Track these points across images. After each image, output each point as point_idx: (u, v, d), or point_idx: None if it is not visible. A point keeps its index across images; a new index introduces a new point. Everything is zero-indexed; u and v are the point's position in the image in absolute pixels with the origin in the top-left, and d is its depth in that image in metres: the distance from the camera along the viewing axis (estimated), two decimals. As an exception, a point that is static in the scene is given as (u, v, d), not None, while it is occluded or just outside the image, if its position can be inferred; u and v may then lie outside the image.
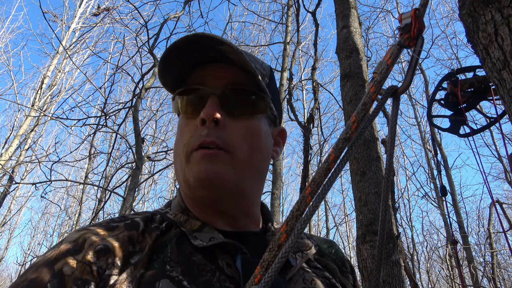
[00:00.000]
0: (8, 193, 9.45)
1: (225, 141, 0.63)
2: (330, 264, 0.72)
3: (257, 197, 0.71)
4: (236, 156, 0.63)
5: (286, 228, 0.41)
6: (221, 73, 0.67)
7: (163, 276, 0.53)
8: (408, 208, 13.33)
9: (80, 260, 0.52)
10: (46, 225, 16.33)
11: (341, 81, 3.35)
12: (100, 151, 8.83)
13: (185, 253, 0.58)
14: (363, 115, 0.41)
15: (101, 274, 0.51)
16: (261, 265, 0.41)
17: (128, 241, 0.57)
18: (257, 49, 11.80)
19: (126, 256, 0.55)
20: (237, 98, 0.66)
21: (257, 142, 0.67)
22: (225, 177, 0.62)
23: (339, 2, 3.74)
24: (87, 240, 0.55)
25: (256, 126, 0.67)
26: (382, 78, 0.41)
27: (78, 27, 11.23)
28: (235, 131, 0.64)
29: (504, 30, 1.12)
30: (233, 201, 0.65)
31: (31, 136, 9.95)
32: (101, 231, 0.57)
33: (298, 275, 0.63)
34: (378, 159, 2.88)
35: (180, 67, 0.68)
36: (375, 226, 2.58)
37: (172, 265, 0.55)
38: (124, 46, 6.51)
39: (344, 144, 0.41)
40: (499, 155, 11.18)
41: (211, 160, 0.61)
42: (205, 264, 0.57)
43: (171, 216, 0.66)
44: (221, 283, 0.55)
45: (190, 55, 0.66)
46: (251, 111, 0.68)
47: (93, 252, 0.53)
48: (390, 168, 0.46)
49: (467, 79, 2.44)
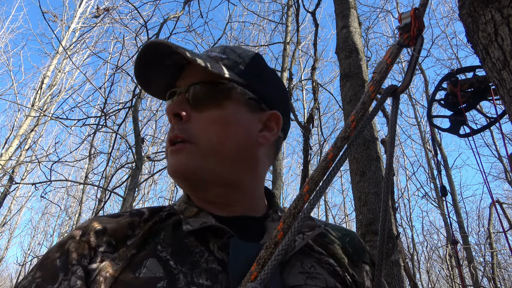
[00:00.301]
0: (8, 193, 9.45)
1: (188, 133, 0.65)
2: (338, 253, 0.69)
3: (252, 184, 0.71)
4: (202, 146, 0.65)
5: (283, 226, 0.41)
6: (188, 73, 0.70)
7: (151, 256, 0.57)
8: (408, 208, 13.33)
9: (83, 240, 0.59)
10: (46, 225, 16.33)
11: (341, 81, 3.35)
12: (100, 151, 8.83)
13: (179, 236, 0.62)
14: (362, 114, 0.40)
15: (96, 251, 0.58)
16: (257, 262, 0.41)
17: (127, 225, 0.62)
18: (257, 49, 11.80)
19: (123, 238, 0.61)
20: (201, 92, 0.67)
21: (227, 130, 0.66)
22: (191, 167, 0.64)
23: (339, 2, 3.74)
24: (92, 225, 0.62)
25: (225, 115, 0.67)
26: (381, 78, 0.41)
27: (78, 27, 11.23)
28: (200, 122, 0.66)
29: (504, 30, 1.12)
30: (218, 189, 0.67)
31: (31, 136, 9.95)
32: (107, 218, 0.64)
33: (296, 258, 0.61)
34: (378, 159, 2.88)
35: (164, 76, 0.72)
36: (375, 226, 2.58)
37: (164, 246, 0.60)
38: (124, 46, 6.50)
39: (342, 143, 0.41)
40: (499, 155, 11.19)
41: (176, 154, 0.65)
42: (195, 246, 0.60)
43: (176, 207, 0.70)
44: (208, 264, 0.57)
45: (162, 63, 0.70)
46: (217, 101, 0.67)
47: (93, 233, 0.60)
48: (390, 168, 0.46)
49: (467, 79, 2.44)
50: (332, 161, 0.40)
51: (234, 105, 0.69)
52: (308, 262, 0.62)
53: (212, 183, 0.66)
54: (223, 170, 0.66)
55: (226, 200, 0.69)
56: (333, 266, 0.65)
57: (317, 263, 0.63)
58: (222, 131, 0.66)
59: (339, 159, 0.41)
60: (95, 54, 7.72)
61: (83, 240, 0.59)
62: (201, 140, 0.65)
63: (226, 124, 0.67)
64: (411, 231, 12.79)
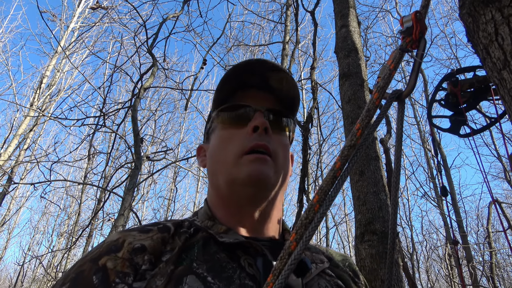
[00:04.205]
0: (8, 193, 9.43)
1: (272, 147, 0.73)
2: (343, 275, 0.77)
3: (280, 205, 0.79)
4: (277, 163, 0.73)
5: (295, 236, 0.42)
6: (263, 98, 0.80)
7: (190, 272, 0.59)
8: (408, 207, 13.34)
9: (120, 257, 0.60)
10: (46, 224, 16.31)
11: (340, 81, 3.35)
12: (99, 151, 8.82)
13: (210, 252, 0.65)
14: (367, 121, 0.41)
15: (138, 269, 0.59)
16: (273, 273, 0.42)
17: (161, 242, 0.65)
18: (256, 48, 11.80)
19: (159, 254, 0.63)
20: (276, 118, 0.78)
21: (287, 155, 0.78)
22: (271, 179, 0.71)
23: (338, 1, 3.73)
24: (126, 240, 0.63)
25: (286, 141, 0.80)
26: (385, 84, 0.40)
27: (77, 26, 11.21)
28: (276, 143, 0.75)
29: (505, 30, 1.12)
30: (265, 202, 0.73)
31: (30, 136, 9.93)
32: (138, 233, 0.66)
33: (313, 280, 0.69)
34: (377, 159, 2.88)
35: (228, 87, 0.79)
36: (374, 225, 2.58)
37: (199, 263, 0.62)
38: (123, 46, 6.50)
39: (349, 151, 0.41)
40: (499, 155, 11.19)
41: (263, 163, 0.70)
42: (227, 262, 0.63)
43: (198, 223, 0.73)
44: (241, 280, 0.60)
45: (240, 78, 0.78)
46: (283, 129, 0.80)
47: (132, 250, 0.61)
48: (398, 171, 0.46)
49: (467, 79, 2.43)
50: (340, 170, 0.41)
51: (287, 135, 0.81)
52: (323, 283, 0.70)
53: (267, 197, 0.73)
54: (278, 188, 0.75)
55: (260, 214, 0.74)
56: (342, 287, 0.73)
57: (329, 284, 0.70)
58: (285, 155, 0.77)
59: (347, 168, 0.41)
60: (94, 54, 7.71)
61: (122, 257, 0.60)
62: (278, 158, 0.74)
63: (287, 150, 0.79)
64: (410, 231, 12.80)
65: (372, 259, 2.49)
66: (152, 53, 4.77)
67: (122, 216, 3.53)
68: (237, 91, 0.80)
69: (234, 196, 0.73)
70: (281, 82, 0.78)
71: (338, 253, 0.87)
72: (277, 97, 0.81)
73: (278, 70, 0.77)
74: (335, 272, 0.77)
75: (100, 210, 5.96)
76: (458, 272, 8.77)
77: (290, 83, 0.78)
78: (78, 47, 11.38)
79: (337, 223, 14.02)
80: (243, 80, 0.79)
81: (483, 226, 12.37)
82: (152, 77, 4.71)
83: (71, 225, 12.88)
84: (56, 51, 10.33)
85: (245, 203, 0.73)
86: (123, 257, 0.60)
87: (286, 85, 0.78)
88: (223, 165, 0.74)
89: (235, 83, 0.79)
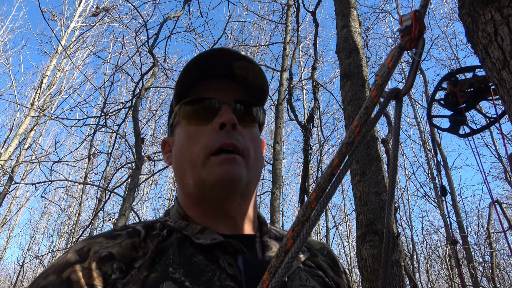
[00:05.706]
0: (8, 193, 9.44)
1: (241, 144, 0.68)
2: (323, 264, 0.75)
3: (255, 200, 0.76)
4: (248, 160, 0.69)
5: (292, 234, 0.42)
6: (229, 88, 0.74)
7: (166, 278, 0.56)
8: (408, 208, 13.33)
9: (86, 267, 0.55)
10: (46, 225, 16.31)
11: (341, 81, 3.35)
12: (100, 151, 8.82)
13: (186, 254, 0.61)
14: (365, 119, 0.41)
15: (107, 279, 0.55)
16: (269, 271, 0.42)
17: (131, 247, 0.61)
18: (257, 49, 11.80)
19: (130, 261, 0.58)
20: (244, 109, 0.74)
21: (258, 149, 0.74)
22: (243, 178, 0.67)
23: (339, 1, 3.74)
24: (92, 249, 0.58)
25: (256, 133, 0.76)
26: (383, 82, 0.41)
27: (77, 26, 11.22)
28: (245, 137, 0.71)
29: (504, 30, 1.12)
30: (239, 201, 0.70)
31: (31, 136, 9.94)
32: (105, 240, 0.61)
33: (294, 274, 0.66)
34: (378, 159, 2.88)
35: (190, 78, 0.73)
36: (375, 225, 2.58)
37: (175, 267, 0.58)
38: (124, 46, 6.51)
39: (347, 148, 0.41)
40: (499, 155, 11.17)
41: (232, 164, 0.66)
42: (206, 265, 0.60)
43: (171, 224, 0.69)
44: (222, 282, 0.57)
45: (203, 67, 0.72)
46: (253, 121, 0.76)
47: (99, 259, 0.57)
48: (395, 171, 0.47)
49: (466, 79, 2.44)
50: (337, 167, 0.41)
51: (257, 125, 0.77)
52: (303, 275, 0.68)
53: (240, 195, 0.69)
54: (251, 185, 0.71)
55: (236, 213, 0.70)
56: (322, 277, 0.71)
57: (310, 276, 0.69)
58: (256, 149, 0.73)
59: (344, 165, 0.42)
60: (94, 54, 7.73)
61: (88, 267, 0.55)
62: (249, 154, 0.70)
63: (258, 143, 0.75)
64: (410, 231, 12.80)
65: (373, 259, 2.50)
66: (153, 53, 4.78)
67: (123, 216, 3.54)
68: (201, 82, 0.74)
69: (205, 196, 0.69)
70: (247, 71, 0.73)
71: (316, 241, 0.85)
72: (244, 86, 0.75)
73: (243, 59, 0.72)
74: (315, 262, 0.74)
75: (101, 210, 5.97)
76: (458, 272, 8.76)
77: (257, 72, 0.73)
78: (79, 46, 11.40)
79: (337, 224, 14.01)
80: (207, 69, 0.73)
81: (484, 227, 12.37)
82: (153, 77, 4.72)
83: (72, 225, 12.89)
84: (56, 50, 10.33)
85: (217, 203, 0.69)
86: (89, 267, 0.55)
87: (253, 73, 0.73)
88: (190, 165, 0.69)
89: (198, 72, 0.72)
